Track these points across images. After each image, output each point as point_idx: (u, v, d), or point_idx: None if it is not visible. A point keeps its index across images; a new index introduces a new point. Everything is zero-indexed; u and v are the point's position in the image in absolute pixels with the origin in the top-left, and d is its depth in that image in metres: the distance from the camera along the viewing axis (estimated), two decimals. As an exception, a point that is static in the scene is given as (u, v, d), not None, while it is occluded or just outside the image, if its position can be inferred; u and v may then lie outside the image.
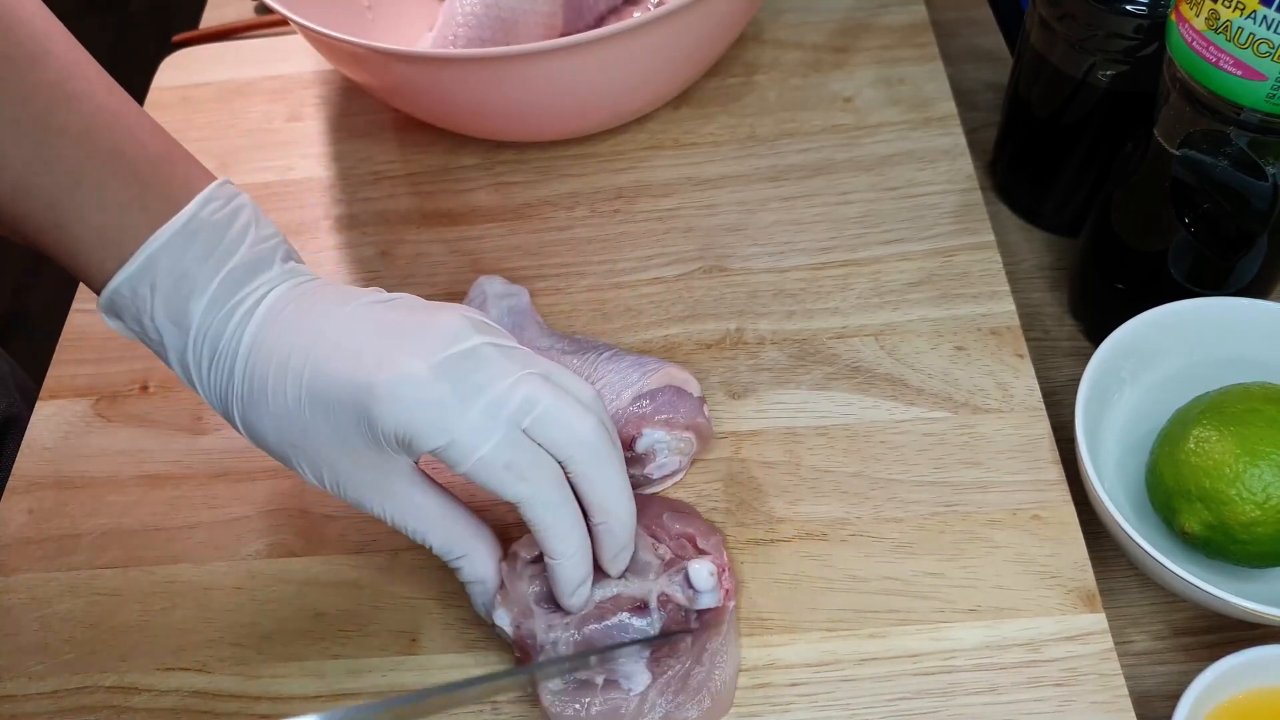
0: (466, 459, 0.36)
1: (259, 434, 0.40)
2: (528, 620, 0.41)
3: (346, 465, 0.39)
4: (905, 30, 0.65)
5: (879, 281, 0.54)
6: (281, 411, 0.38)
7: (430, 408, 0.36)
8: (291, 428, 0.39)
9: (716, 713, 0.41)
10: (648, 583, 0.42)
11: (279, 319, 0.39)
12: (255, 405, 0.39)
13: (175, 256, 0.38)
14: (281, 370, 0.38)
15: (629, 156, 0.61)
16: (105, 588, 0.48)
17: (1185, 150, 0.44)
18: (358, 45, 0.52)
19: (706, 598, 0.41)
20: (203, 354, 0.39)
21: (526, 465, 0.37)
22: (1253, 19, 0.38)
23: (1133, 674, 0.43)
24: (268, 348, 0.39)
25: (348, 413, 0.37)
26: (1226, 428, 0.41)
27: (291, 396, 0.38)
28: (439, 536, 0.40)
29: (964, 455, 0.47)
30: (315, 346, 0.38)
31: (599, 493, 0.39)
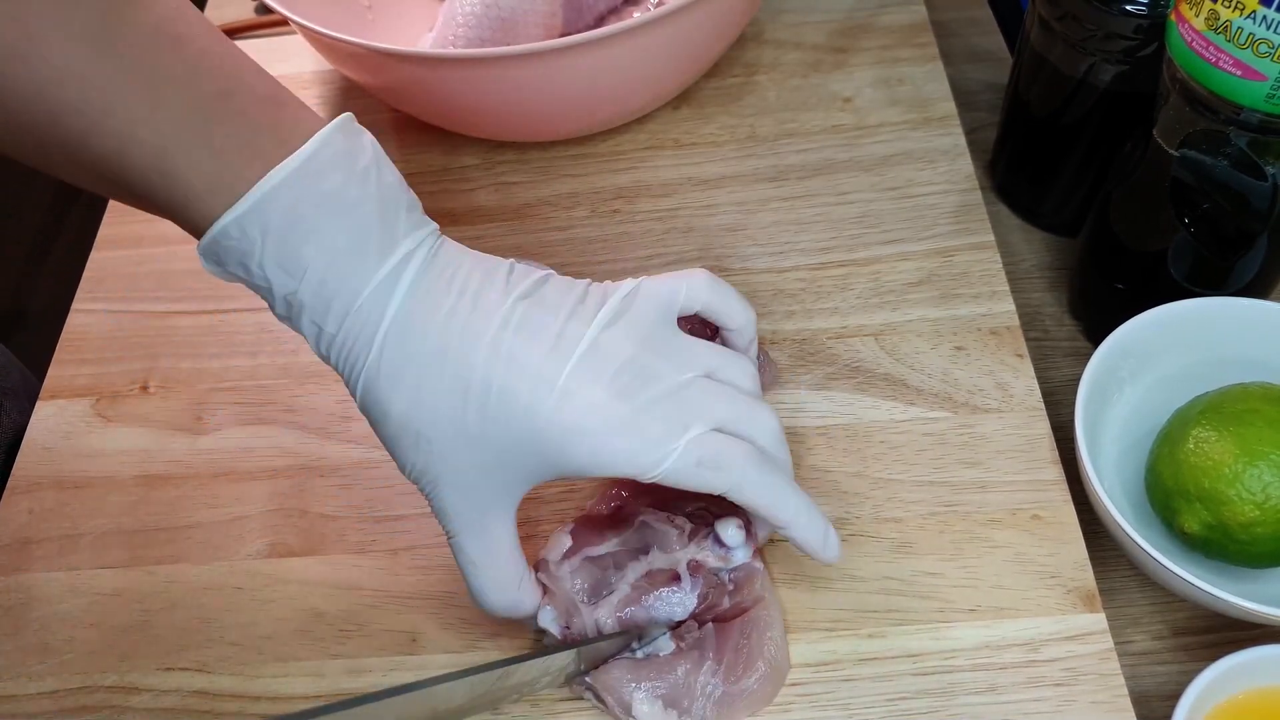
0: (656, 471, 0.37)
1: (382, 409, 0.38)
2: (576, 618, 0.41)
3: (467, 473, 0.38)
4: (905, 30, 0.65)
5: (879, 281, 0.54)
6: (427, 402, 0.37)
7: (620, 436, 0.37)
8: (429, 420, 0.37)
9: (776, 678, 0.41)
10: (674, 554, 0.42)
11: (430, 294, 0.37)
12: (394, 384, 0.37)
13: (291, 198, 0.35)
14: (439, 356, 0.37)
15: (629, 156, 0.61)
16: (105, 588, 0.48)
17: (1185, 150, 0.44)
18: (358, 45, 0.52)
19: (739, 554, 0.42)
20: (329, 310, 0.37)
21: (715, 456, 0.38)
22: (1252, 19, 0.38)
23: (1132, 674, 0.43)
24: (422, 327, 0.37)
25: (522, 433, 0.37)
26: (1226, 428, 0.41)
27: (448, 390, 0.37)
28: (490, 578, 0.40)
29: (964, 455, 0.47)
30: (480, 342, 0.37)
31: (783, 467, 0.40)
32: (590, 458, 0.37)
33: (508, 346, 0.37)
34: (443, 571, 0.46)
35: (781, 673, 0.42)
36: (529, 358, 0.37)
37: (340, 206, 0.36)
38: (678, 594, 0.41)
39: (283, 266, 0.36)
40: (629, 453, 0.37)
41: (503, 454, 0.38)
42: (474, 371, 0.37)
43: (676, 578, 0.42)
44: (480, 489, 0.38)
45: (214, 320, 0.57)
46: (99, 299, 0.58)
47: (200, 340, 0.56)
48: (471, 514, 0.39)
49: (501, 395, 0.37)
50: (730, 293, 0.42)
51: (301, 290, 0.37)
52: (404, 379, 0.37)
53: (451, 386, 0.37)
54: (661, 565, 0.42)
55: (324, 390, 0.53)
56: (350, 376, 0.38)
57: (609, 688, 0.40)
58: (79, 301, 0.59)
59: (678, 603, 0.41)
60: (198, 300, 0.58)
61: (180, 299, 0.58)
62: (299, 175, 0.36)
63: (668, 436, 0.37)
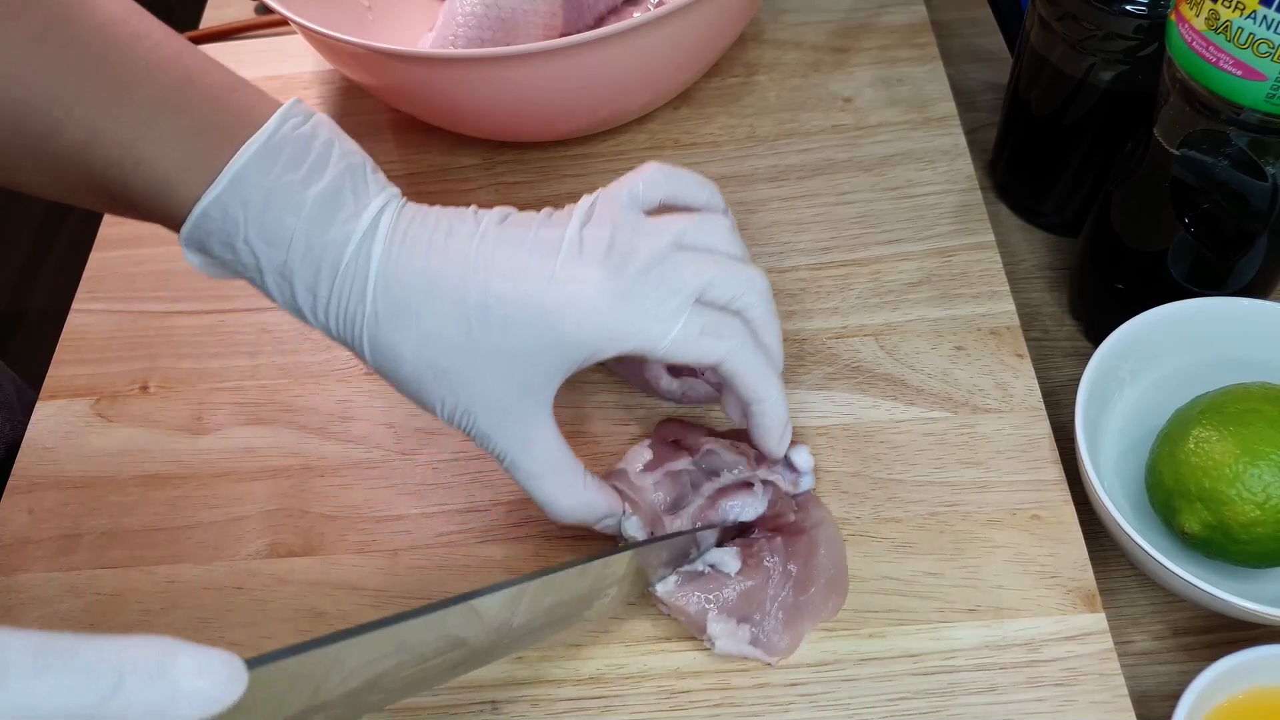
0: (661, 344, 0.39)
1: (394, 356, 0.39)
2: (659, 527, 0.43)
3: (492, 389, 0.39)
4: (905, 30, 0.65)
5: (879, 281, 0.54)
6: (434, 333, 0.38)
7: (620, 312, 0.38)
8: (440, 350, 0.38)
9: (840, 590, 0.43)
10: (741, 470, 0.45)
11: (408, 237, 0.39)
12: (397, 326, 0.38)
13: (263, 172, 0.37)
14: (430, 288, 0.38)
15: (629, 156, 0.61)
16: (105, 588, 0.48)
17: (1185, 150, 0.44)
18: (358, 45, 0.52)
19: (806, 479, 0.45)
20: (319, 275, 0.38)
21: (717, 324, 0.39)
22: (1253, 19, 0.38)
23: (1132, 674, 0.43)
24: (407, 267, 0.38)
25: (529, 326, 0.38)
26: (1226, 428, 0.41)
27: (449, 314, 0.38)
28: (554, 484, 0.41)
29: (963, 455, 0.47)
30: (466, 262, 0.38)
31: (772, 333, 0.42)
32: (600, 334, 0.38)
33: (493, 258, 0.38)
34: (443, 572, 0.46)
35: (843, 588, 0.44)
36: (516, 262, 0.38)
37: (312, 174, 0.38)
38: (750, 498, 0.44)
39: (267, 239, 0.37)
40: (636, 323, 0.38)
41: (518, 359, 0.38)
42: (468, 290, 0.38)
43: (749, 485, 0.44)
44: (510, 402, 0.39)
45: (214, 320, 0.57)
46: (99, 299, 0.58)
47: (200, 340, 0.56)
48: (514, 430, 0.40)
49: (500, 302, 0.38)
50: (687, 176, 0.43)
51: (290, 259, 0.38)
52: (404, 320, 0.38)
53: (451, 312, 0.38)
54: (733, 479, 0.45)
55: (324, 390, 0.53)
56: (354, 337, 0.39)
57: (680, 608, 0.42)
58: (79, 302, 0.59)
59: (749, 504, 0.44)
60: (198, 300, 0.58)
61: (180, 299, 0.58)
62: (269, 149, 0.37)
63: (667, 305, 0.39)
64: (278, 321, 0.56)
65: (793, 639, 0.42)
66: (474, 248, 0.39)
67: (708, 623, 0.41)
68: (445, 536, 0.47)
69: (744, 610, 0.42)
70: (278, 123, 0.38)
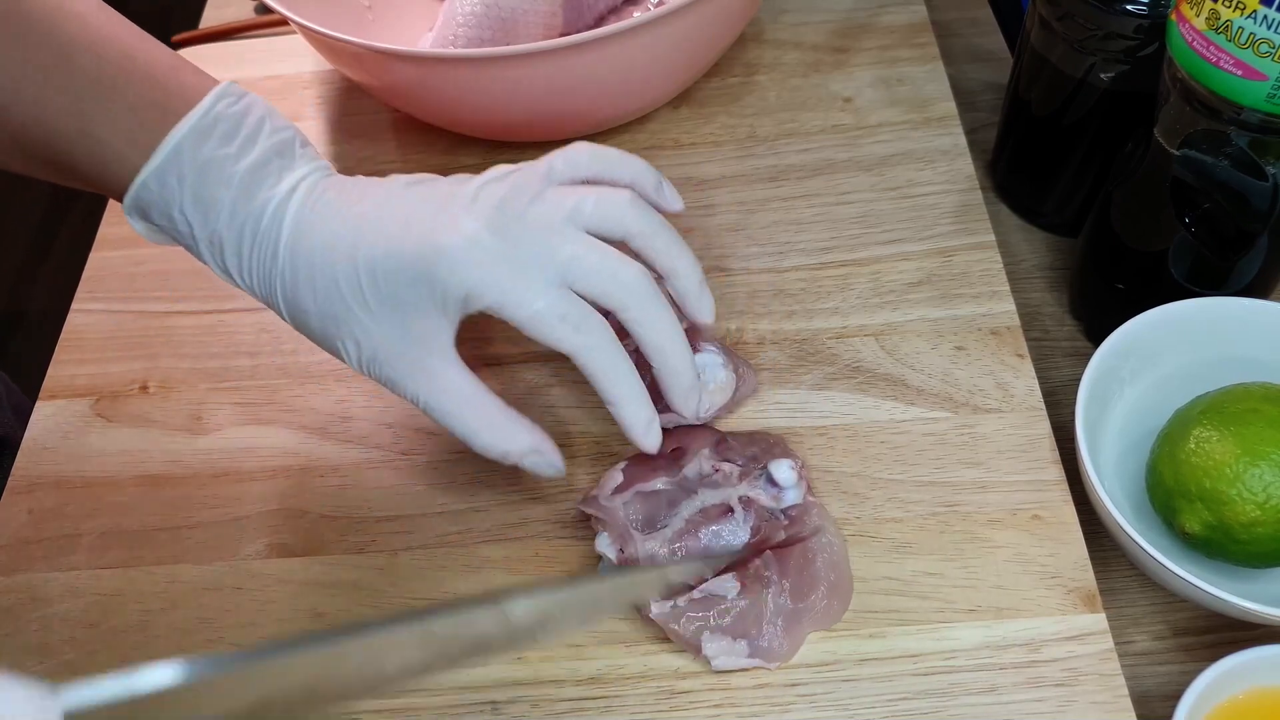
0: (523, 310, 0.39)
1: (302, 312, 0.42)
2: (629, 544, 0.43)
3: (389, 337, 0.41)
4: (905, 30, 0.65)
5: (879, 281, 0.54)
6: (329, 285, 0.41)
7: (490, 265, 0.39)
8: (338, 301, 0.41)
9: (842, 595, 0.43)
10: (727, 490, 0.44)
11: (320, 201, 0.42)
12: (302, 283, 0.41)
13: (199, 146, 0.40)
14: (329, 247, 0.41)
15: (629, 156, 0.61)
16: (105, 588, 0.48)
17: (1185, 150, 0.44)
18: (358, 45, 0.52)
19: (791, 494, 0.44)
20: (243, 238, 0.41)
21: (580, 318, 0.40)
22: (1253, 19, 0.38)
23: (1133, 674, 0.43)
24: (313, 228, 0.41)
25: (406, 276, 0.40)
26: (1227, 428, 0.41)
27: (342, 270, 0.40)
28: (471, 418, 0.42)
29: (964, 455, 0.47)
30: (363, 221, 0.41)
31: (654, 332, 0.42)
32: (465, 284, 0.39)
33: (393, 213, 0.41)
34: (443, 572, 0.46)
35: (847, 591, 0.43)
36: (411, 214, 0.41)
37: (244, 149, 0.41)
38: (730, 525, 0.43)
39: (201, 209, 0.41)
40: (504, 284, 0.39)
41: (401, 307, 0.40)
42: (361, 244, 0.40)
43: (729, 510, 0.43)
44: (407, 348, 0.41)
45: (214, 320, 0.57)
46: (98, 299, 0.58)
47: (200, 340, 0.56)
48: (417, 373, 0.41)
49: (387, 254, 0.40)
50: (612, 154, 0.44)
51: (219, 226, 0.41)
52: (311, 276, 0.41)
53: (345, 267, 0.40)
54: (714, 501, 0.44)
55: (324, 390, 0.53)
56: (272, 296, 0.42)
57: (675, 631, 0.42)
58: (78, 301, 0.58)
59: (730, 534, 0.43)
60: (197, 300, 0.57)
61: (180, 299, 0.58)
62: (203, 125, 0.40)
63: (536, 278, 0.40)
64: (278, 321, 0.55)
65: (793, 644, 0.42)
66: (377, 207, 0.41)
67: (703, 643, 0.41)
68: (445, 536, 0.47)
69: (741, 629, 0.42)
70: (212, 101, 0.41)
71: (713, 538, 0.43)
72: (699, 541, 0.43)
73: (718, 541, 0.43)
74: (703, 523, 0.43)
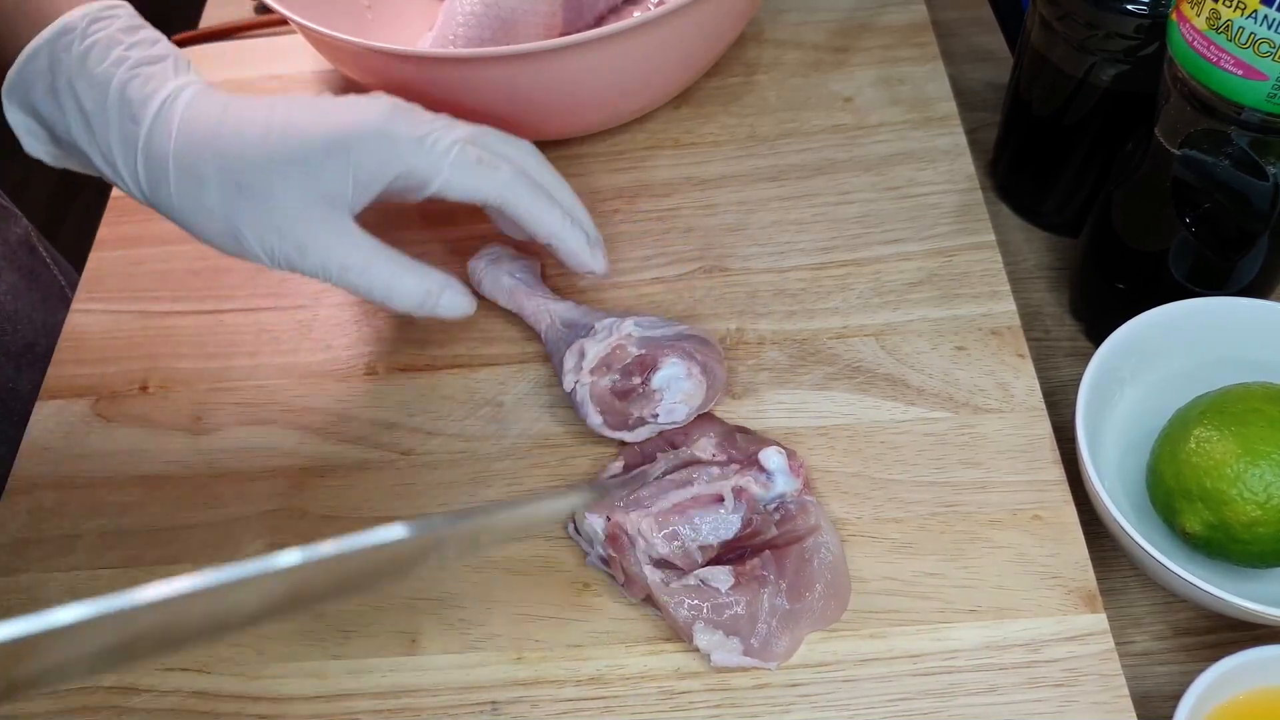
0: (441, 169, 0.43)
1: (198, 180, 0.42)
2: (616, 514, 0.43)
3: (297, 204, 0.42)
4: (905, 30, 0.65)
5: (879, 281, 0.54)
6: (236, 153, 0.42)
7: (400, 135, 0.43)
8: (242, 168, 0.42)
9: (838, 597, 0.43)
10: (718, 482, 0.44)
11: (216, 92, 0.44)
12: (200, 151, 0.42)
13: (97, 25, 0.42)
14: (239, 117, 0.42)
15: (629, 156, 0.61)
16: (105, 588, 0.47)
17: (1186, 150, 0.44)
18: (358, 45, 0.52)
19: (780, 480, 0.44)
20: (134, 112, 0.42)
21: (493, 157, 0.45)
22: (1253, 19, 0.37)
23: (1133, 674, 0.43)
24: (215, 105, 0.43)
25: (323, 143, 0.42)
26: (1227, 428, 0.41)
27: (250, 140, 0.42)
28: (386, 269, 0.44)
29: (964, 455, 0.47)
30: (273, 101, 0.43)
31: (555, 192, 0.47)
32: (383, 146, 0.42)
33: (295, 98, 0.44)
34: (443, 572, 0.46)
35: (844, 592, 0.43)
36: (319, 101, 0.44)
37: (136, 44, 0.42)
38: (720, 513, 0.43)
39: (90, 83, 0.41)
40: (416, 146, 0.43)
41: (309, 167, 0.42)
42: (271, 117, 0.43)
43: (720, 499, 0.44)
44: (314, 211, 0.43)
45: (214, 320, 0.57)
46: (98, 299, 0.58)
47: (200, 340, 0.56)
48: (326, 236, 0.43)
49: (296, 125, 0.42)
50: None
51: (108, 104, 0.42)
52: (207, 144, 0.42)
53: (252, 134, 0.42)
54: (706, 491, 0.44)
55: (324, 390, 0.53)
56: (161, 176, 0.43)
57: (668, 609, 0.42)
58: (78, 301, 0.58)
59: (720, 522, 0.43)
60: (197, 300, 0.57)
61: (180, 299, 0.58)
62: (100, 10, 0.42)
63: (443, 139, 0.43)
64: (278, 321, 0.56)
65: (790, 644, 0.42)
66: (281, 98, 0.44)
67: (695, 633, 0.41)
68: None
69: (734, 626, 0.42)
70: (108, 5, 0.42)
71: (702, 521, 0.43)
72: (687, 522, 0.43)
73: (707, 527, 0.43)
74: (692, 506, 0.43)
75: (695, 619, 0.42)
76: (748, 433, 0.48)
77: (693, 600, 0.42)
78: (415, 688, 0.43)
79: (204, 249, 0.45)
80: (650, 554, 0.43)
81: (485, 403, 0.52)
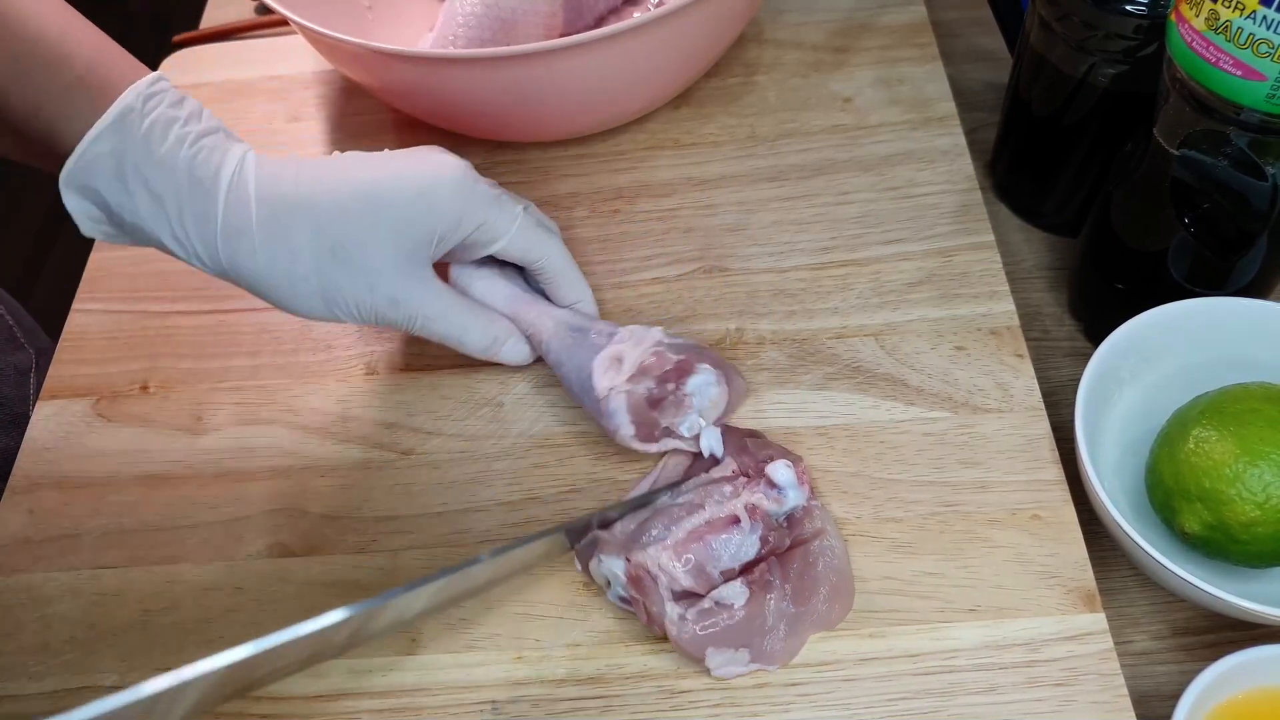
0: (511, 227, 0.47)
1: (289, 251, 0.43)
2: (634, 554, 0.42)
3: (385, 258, 0.44)
4: (905, 30, 0.65)
5: (879, 281, 0.54)
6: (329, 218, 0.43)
7: (476, 195, 0.45)
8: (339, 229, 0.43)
9: (843, 598, 0.43)
10: (729, 503, 0.44)
11: (276, 160, 0.44)
12: (289, 225, 0.43)
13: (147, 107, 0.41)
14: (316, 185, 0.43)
15: (629, 156, 0.61)
16: (105, 588, 0.48)
17: (1185, 150, 0.44)
18: (358, 45, 0.52)
19: (792, 494, 0.44)
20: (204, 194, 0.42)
21: (550, 226, 0.50)
22: (1253, 19, 0.38)
23: (1133, 674, 0.43)
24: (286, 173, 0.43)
25: (408, 194, 0.44)
26: (1226, 428, 0.41)
27: (339, 203, 0.43)
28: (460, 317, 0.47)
29: (964, 455, 0.47)
30: (344, 162, 0.45)
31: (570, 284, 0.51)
32: (463, 205, 0.45)
33: (362, 158, 0.45)
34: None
35: (848, 594, 0.43)
36: (390, 157, 0.45)
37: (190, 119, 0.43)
38: (738, 535, 0.43)
39: (159, 166, 0.41)
40: (489, 206, 0.46)
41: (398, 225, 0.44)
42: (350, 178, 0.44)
43: (736, 520, 0.43)
44: (403, 264, 0.45)
45: (214, 320, 0.57)
46: (99, 299, 0.58)
47: (200, 340, 0.56)
48: (413, 287, 0.45)
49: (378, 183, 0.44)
50: None
51: (180, 186, 0.41)
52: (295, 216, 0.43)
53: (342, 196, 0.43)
54: (719, 514, 0.44)
55: (324, 390, 0.53)
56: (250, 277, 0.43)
57: (676, 641, 0.41)
58: (79, 301, 0.59)
59: (740, 544, 0.43)
60: (198, 300, 0.58)
61: (180, 299, 0.58)
62: (150, 94, 0.41)
63: (508, 206, 0.47)
64: (278, 321, 0.56)
65: (794, 646, 0.42)
66: (345, 157, 0.45)
67: (706, 655, 0.41)
68: (445, 536, 0.47)
69: (744, 637, 0.41)
70: (153, 79, 0.42)
71: (721, 546, 0.43)
72: (706, 548, 0.42)
73: (726, 551, 0.43)
74: (709, 532, 0.43)
75: (706, 645, 0.41)
76: (756, 436, 0.48)
77: (706, 623, 0.41)
78: (415, 688, 0.43)
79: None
80: (673, 588, 0.42)
81: (485, 403, 0.52)
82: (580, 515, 0.45)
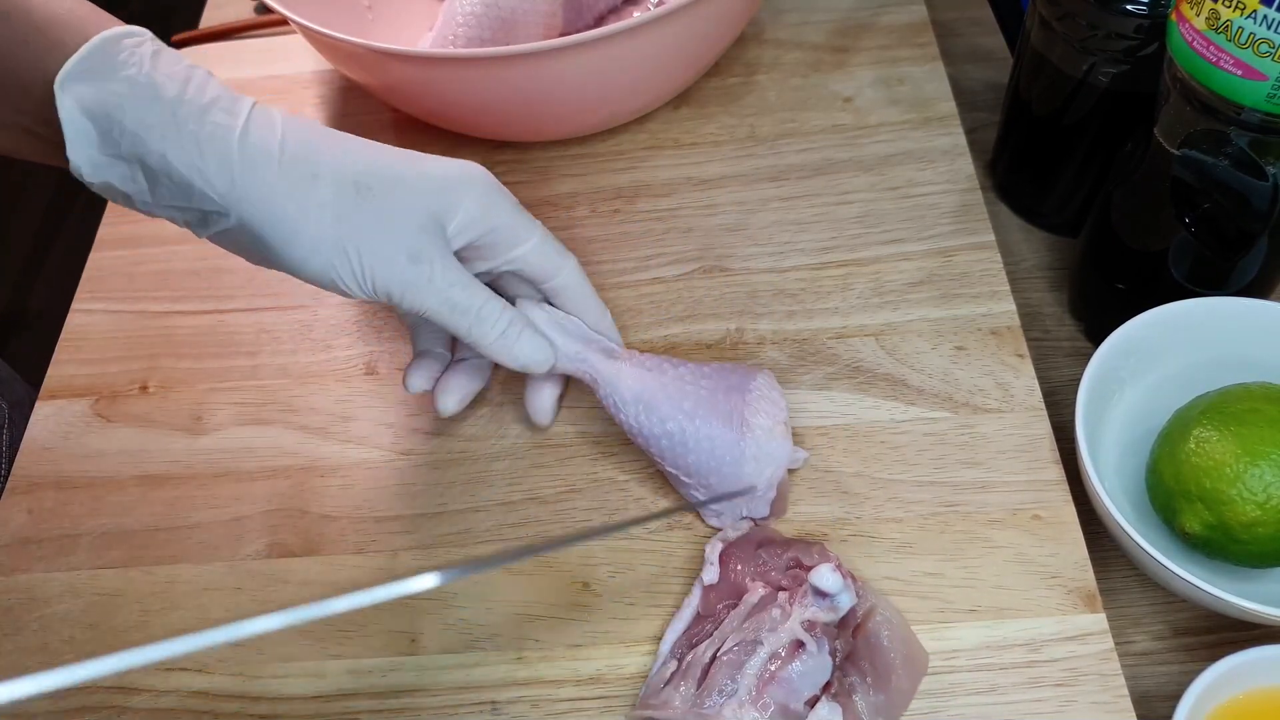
0: (535, 234, 0.45)
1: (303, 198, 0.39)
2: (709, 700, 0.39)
3: (413, 232, 0.41)
4: (905, 30, 0.65)
5: (879, 281, 0.54)
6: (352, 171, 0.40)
7: (503, 195, 0.44)
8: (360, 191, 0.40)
9: (916, 668, 0.41)
10: (786, 627, 0.40)
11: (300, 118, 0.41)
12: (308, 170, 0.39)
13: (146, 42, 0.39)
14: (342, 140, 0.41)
15: (629, 156, 0.61)
16: (105, 588, 0.48)
17: (1185, 150, 0.44)
18: (358, 45, 0.52)
19: (843, 598, 0.40)
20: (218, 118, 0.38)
21: (564, 247, 0.47)
22: (1253, 19, 0.38)
23: (1133, 674, 0.43)
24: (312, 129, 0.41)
25: (437, 189, 0.42)
26: (1227, 428, 0.41)
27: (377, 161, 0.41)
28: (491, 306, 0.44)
29: (964, 455, 0.47)
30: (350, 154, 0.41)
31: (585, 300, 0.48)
32: (485, 200, 0.43)
33: (365, 142, 0.42)
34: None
35: (921, 657, 0.41)
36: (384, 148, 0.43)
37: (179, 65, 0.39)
38: (809, 659, 0.39)
39: (170, 75, 0.38)
40: (514, 210, 0.44)
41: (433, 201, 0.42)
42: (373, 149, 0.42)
43: (800, 645, 0.40)
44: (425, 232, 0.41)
45: (214, 320, 0.57)
46: (98, 299, 0.58)
47: (200, 340, 0.56)
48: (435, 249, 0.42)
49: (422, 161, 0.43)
50: None
51: (195, 97, 0.38)
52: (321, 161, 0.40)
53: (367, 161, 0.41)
54: (781, 644, 0.40)
55: (324, 390, 0.53)
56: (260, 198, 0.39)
57: None
58: (79, 301, 0.58)
59: (814, 667, 0.39)
60: (197, 300, 0.57)
61: (180, 299, 0.58)
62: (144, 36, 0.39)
63: (532, 218, 0.45)
64: (278, 321, 0.56)
65: None
66: (341, 135, 0.42)
67: None
68: (445, 536, 0.47)
69: None
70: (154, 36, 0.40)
71: (799, 677, 0.39)
72: (782, 686, 0.39)
73: (806, 679, 0.39)
74: (781, 667, 0.39)
75: None
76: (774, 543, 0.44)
77: None
78: (415, 688, 0.43)
79: (205, 249, 0.45)
80: None
81: (485, 403, 0.52)
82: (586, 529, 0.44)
